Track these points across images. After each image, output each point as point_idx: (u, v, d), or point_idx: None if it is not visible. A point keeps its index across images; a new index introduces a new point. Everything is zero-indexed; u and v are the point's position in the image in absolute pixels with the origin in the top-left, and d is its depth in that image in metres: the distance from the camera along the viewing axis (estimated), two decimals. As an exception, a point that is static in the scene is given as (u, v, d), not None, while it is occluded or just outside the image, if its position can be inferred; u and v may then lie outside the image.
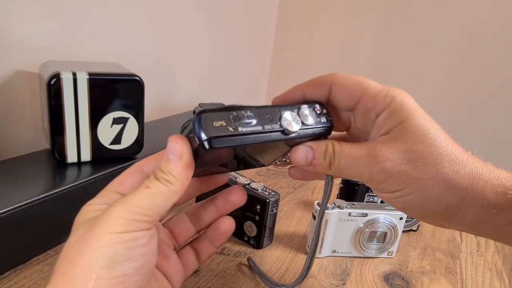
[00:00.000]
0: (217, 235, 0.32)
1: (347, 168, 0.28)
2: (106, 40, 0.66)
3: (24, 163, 0.47)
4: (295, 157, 0.29)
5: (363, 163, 0.27)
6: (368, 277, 0.45)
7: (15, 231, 0.39)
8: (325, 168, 0.28)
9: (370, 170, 0.27)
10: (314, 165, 0.29)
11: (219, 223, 0.32)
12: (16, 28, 0.52)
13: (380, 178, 0.27)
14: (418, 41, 0.99)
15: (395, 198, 0.27)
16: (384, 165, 0.26)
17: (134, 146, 0.51)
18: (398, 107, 0.27)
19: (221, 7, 0.93)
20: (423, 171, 0.25)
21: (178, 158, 0.25)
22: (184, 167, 0.25)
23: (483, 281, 0.47)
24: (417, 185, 0.26)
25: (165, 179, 0.25)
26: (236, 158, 0.28)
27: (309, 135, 0.28)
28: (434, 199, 0.26)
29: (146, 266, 0.24)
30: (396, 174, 0.26)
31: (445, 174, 0.25)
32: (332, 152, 0.28)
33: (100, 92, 0.46)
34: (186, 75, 0.89)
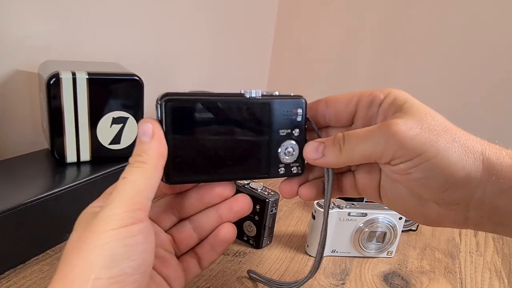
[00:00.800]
0: (217, 241, 0.32)
1: (359, 145, 0.27)
2: (105, 40, 0.66)
3: (24, 163, 0.47)
4: (306, 153, 0.29)
5: (376, 134, 0.26)
6: (367, 277, 0.45)
7: (14, 231, 0.39)
8: (336, 153, 0.28)
9: (385, 139, 0.25)
10: (325, 154, 0.28)
11: (219, 230, 0.32)
12: (15, 27, 0.52)
13: (396, 145, 0.25)
14: (417, 41, 0.99)
15: (414, 167, 0.25)
16: (398, 129, 0.25)
17: (133, 146, 0.51)
18: (397, 95, 0.28)
19: (221, 7, 0.93)
20: (439, 136, 0.25)
21: (150, 136, 0.26)
22: (155, 142, 0.26)
23: (482, 280, 0.47)
24: (436, 148, 0.25)
25: (138, 161, 0.25)
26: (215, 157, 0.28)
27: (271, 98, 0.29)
28: (455, 164, 0.25)
29: (144, 265, 0.24)
30: (414, 137, 0.25)
31: (460, 139, 0.25)
32: (341, 137, 0.28)
33: (100, 92, 0.46)
34: (185, 75, 0.89)
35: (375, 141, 0.26)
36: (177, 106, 0.26)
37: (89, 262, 0.22)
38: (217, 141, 0.28)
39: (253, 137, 0.29)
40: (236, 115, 0.28)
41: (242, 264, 0.45)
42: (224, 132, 0.28)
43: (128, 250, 0.23)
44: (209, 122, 0.28)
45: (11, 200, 0.38)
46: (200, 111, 0.27)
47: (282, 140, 0.30)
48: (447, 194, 0.26)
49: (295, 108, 0.29)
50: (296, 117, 0.30)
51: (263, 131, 0.29)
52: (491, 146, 0.26)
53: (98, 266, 0.22)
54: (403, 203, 0.30)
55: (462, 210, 0.27)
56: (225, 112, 0.28)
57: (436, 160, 0.25)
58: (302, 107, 0.30)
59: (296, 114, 0.29)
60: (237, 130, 0.28)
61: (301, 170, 0.31)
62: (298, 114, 0.29)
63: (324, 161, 0.29)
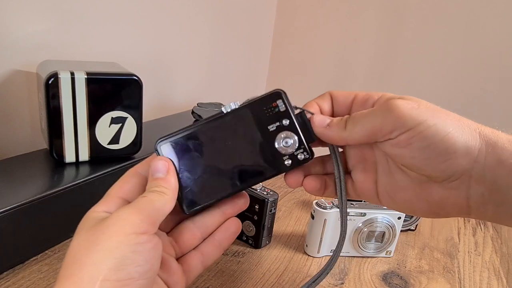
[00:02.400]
0: (227, 235, 0.33)
1: (361, 120, 0.28)
2: (104, 39, 0.66)
3: (22, 163, 0.47)
4: (313, 121, 0.30)
5: (376, 110, 0.28)
6: (366, 277, 0.45)
7: (13, 231, 0.39)
8: (341, 128, 0.29)
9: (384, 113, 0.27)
10: (331, 126, 0.30)
11: (230, 223, 0.33)
12: (14, 27, 0.52)
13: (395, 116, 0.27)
14: (417, 41, 0.99)
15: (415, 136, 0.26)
16: (397, 103, 0.27)
17: (132, 146, 0.51)
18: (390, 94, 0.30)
19: (220, 7, 0.93)
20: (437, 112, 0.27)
21: (165, 172, 0.28)
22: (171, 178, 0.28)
23: (481, 280, 0.47)
24: (437, 117, 0.26)
25: (157, 190, 0.27)
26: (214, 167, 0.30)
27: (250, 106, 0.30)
28: (453, 132, 0.26)
29: (150, 271, 0.25)
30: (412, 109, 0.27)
31: (456, 116, 0.27)
32: (347, 116, 0.30)
33: (98, 92, 0.46)
34: (184, 75, 0.89)
35: (376, 115, 0.28)
36: (170, 144, 0.30)
37: (99, 263, 0.22)
38: (216, 160, 0.30)
39: (247, 144, 0.30)
40: (223, 131, 0.30)
41: (241, 264, 0.45)
42: (219, 151, 0.30)
43: (136, 256, 0.24)
44: (203, 148, 0.30)
45: (9, 200, 0.38)
46: (191, 142, 0.30)
47: (274, 134, 0.30)
48: (449, 164, 0.26)
49: (273, 102, 0.30)
50: (279, 109, 0.30)
51: (253, 135, 0.30)
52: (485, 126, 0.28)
53: (107, 267, 0.22)
54: (403, 194, 0.30)
55: (464, 188, 0.27)
56: (212, 134, 0.30)
57: (435, 128, 0.26)
58: (280, 98, 0.30)
59: (277, 106, 0.30)
60: (230, 144, 0.30)
61: (309, 154, 0.31)
62: (279, 105, 0.30)
63: (329, 131, 0.30)
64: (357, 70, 1.08)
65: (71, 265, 0.23)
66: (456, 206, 0.28)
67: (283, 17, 1.17)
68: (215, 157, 0.30)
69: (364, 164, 0.32)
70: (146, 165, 0.30)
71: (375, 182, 0.31)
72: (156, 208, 0.26)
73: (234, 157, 0.30)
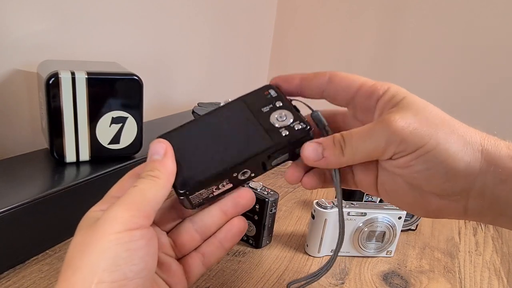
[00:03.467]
0: (229, 236, 0.32)
1: (361, 145, 0.27)
2: (104, 39, 0.66)
3: (23, 163, 0.47)
4: (305, 155, 0.29)
5: (377, 131, 0.26)
6: (367, 277, 0.45)
7: (13, 230, 0.39)
8: (338, 155, 0.28)
9: (386, 136, 0.26)
10: (326, 156, 0.28)
11: (233, 224, 0.32)
12: (14, 27, 0.52)
13: (397, 141, 0.26)
14: (417, 40, 0.99)
15: (416, 159, 0.26)
16: (398, 125, 0.25)
17: (132, 145, 0.51)
18: (396, 90, 0.28)
19: (221, 6, 0.93)
20: (438, 129, 0.26)
21: (162, 155, 0.27)
22: (168, 161, 0.27)
23: (482, 280, 0.47)
24: (436, 140, 0.25)
25: (151, 175, 0.26)
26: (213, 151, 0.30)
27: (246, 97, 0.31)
28: (454, 154, 0.25)
29: (146, 270, 0.24)
30: (413, 131, 0.25)
31: (458, 130, 0.26)
32: (340, 138, 0.28)
33: (99, 92, 0.46)
34: (185, 75, 0.89)
35: (377, 139, 0.26)
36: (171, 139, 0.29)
37: (92, 265, 0.22)
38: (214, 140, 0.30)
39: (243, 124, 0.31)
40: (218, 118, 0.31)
41: (242, 264, 0.45)
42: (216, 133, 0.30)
43: (130, 254, 0.23)
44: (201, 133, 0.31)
45: (10, 200, 0.38)
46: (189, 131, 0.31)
47: (269, 113, 0.30)
48: (449, 185, 0.26)
49: (265, 91, 0.31)
50: (271, 95, 0.31)
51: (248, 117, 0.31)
52: (488, 137, 0.27)
53: (101, 269, 0.22)
54: (402, 197, 0.30)
55: (462, 201, 0.27)
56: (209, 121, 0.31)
57: (436, 151, 0.25)
58: (271, 88, 0.32)
59: (269, 94, 0.31)
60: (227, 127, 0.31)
61: (306, 124, 0.30)
62: (271, 93, 0.31)
63: (325, 163, 0.29)
64: (357, 70, 1.08)
65: (66, 269, 0.23)
66: (454, 213, 0.28)
67: (283, 17, 1.17)
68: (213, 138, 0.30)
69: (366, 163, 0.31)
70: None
71: (376, 179, 0.31)
72: (148, 199, 0.25)
73: (231, 136, 0.30)
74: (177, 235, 0.32)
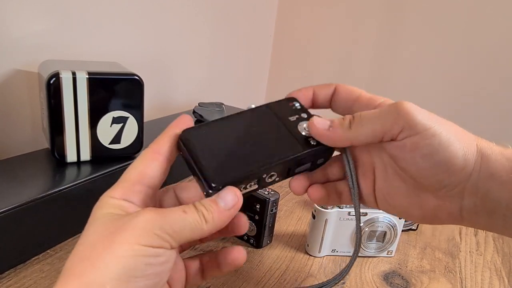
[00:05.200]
0: (227, 263, 0.30)
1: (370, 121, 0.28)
2: (105, 39, 0.66)
3: (24, 163, 0.47)
4: (314, 123, 0.30)
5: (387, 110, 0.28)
6: (367, 276, 0.45)
7: (14, 230, 0.39)
8: (345, 128, 0.28)
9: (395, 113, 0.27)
10: (334, 127, 0.29)
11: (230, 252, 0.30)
12: (15, 27, 0.52)
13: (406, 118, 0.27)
14: (417, 42, 0.99)
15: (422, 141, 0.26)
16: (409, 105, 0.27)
17: (133, 145, 0.51)
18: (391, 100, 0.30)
19: (221, 6, 0.93)
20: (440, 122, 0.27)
21: (228, 208, 0.26)
22: (226, 216, 0.26)
23: (483, 280, 0.47)
24: (442, 126, 0.27)
25: (203, 215, 0.25)
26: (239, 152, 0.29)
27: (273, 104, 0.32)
28: (455, 143, 0.26)
29: (158, 285, 0.24)
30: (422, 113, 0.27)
31: (457, 128, 0.28)
32: (350, 116, 0.29)
33: (100, 92, 0.46)
34: (185, 75, 0.89)
35: (386, 116, 0.28)
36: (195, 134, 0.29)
37: (109, 270, 0.21)
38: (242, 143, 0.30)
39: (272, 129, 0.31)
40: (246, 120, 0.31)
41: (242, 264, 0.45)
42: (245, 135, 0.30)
43: (148, 268, 0.22)
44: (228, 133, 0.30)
45: (11, 200, 0.38)
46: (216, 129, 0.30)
47: (296, 122, 0.31)
48: (446, 176, 0.27)
49: (290, 103, 0.33)
50: (296, 107, 0.33)
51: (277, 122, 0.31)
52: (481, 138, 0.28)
53: (116, 278, 0.21)
54: (400, 200, 0.30)
55: (457, 198, 0.28)
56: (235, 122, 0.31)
57: (441, 137, 0.26)
58: (295, 100, 0.33)
59: (294, 106, 0.33)
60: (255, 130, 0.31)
61: None
62: (295, 105, 0.33)
63: (332, 134, 0.29)
64: (358, 70, 1.08)
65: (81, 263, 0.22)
66: (449, 215, 0.29)
67: (284, 17, 1.17)
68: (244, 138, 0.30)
69: (362, 168, 0.32)
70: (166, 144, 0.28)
71: (373, 186, 0.32)
72: (184, 232, 0.24)
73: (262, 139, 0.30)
74: None
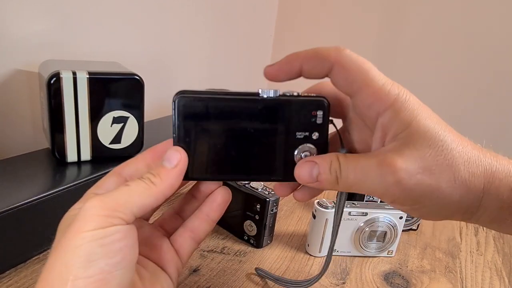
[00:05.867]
0: (215, 206, 0.30)
1: (356, 183, 0.26)
2: (106, 39, 0.66)
3: (24, 162, 0.47)
4: (299, 175, 0.27)
5: (375, 176, 0.25)
6: (368, 276, 0.45)
7: (15, 230, 0.39)
8: (333, 184, 0.26)
9: (384, 184, 0.24)
10: (320, 181, 0.27)
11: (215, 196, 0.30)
12: (15, 27, 0.52)
13: (396, 193, 0.24)
14: (418, 41, 0.99)
15: (414, 210, 0.26)
16: (399, 177, 0.24)
17: (134, 145, 0.51)
18: (402, 107, 0.25)
19: (222, 6, 0.93)
20: (440, 178, 0.24)
21: (173, 165, 0.26)
22: (174, 174, 0.26)
23: (483, 280, 0.47)
24: (436, 195, 0.24)
25: (150, 179, 0.25)
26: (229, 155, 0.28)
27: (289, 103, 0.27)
28: (454, 205, 0.25)
29: (124, 261, 0.23)
30: (413, 187, 0.24)
31: (463, 178, 0.24)
32: (337, 166, 0.26)
33: (100, 91, 0.46)
34: (186, 75, 0.89)
35: (373, 184, 0.25)
36: (190, 103, 0.27)
37: (66, 264, 0.22)
38: (229, 140, 0.28)
39: (267, 138, 0.28)
40: (249, 114, 0.27)
41: (243, 264, 0.45)
42: (237, 132, 0.28)
43: (105, 249, 0.22)
44: (221, 121, 0.27)
45: (11, 200, 0.38)
46: (213, 109, 0.27)
47: (298, 143, 0.28)
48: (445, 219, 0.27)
49: (314, 110, 0.28)
50: (316, 119, 0.28)
51: (278, 133, 0.28)
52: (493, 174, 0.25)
53: (76, 267, 0.21)
54: None
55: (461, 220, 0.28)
56: (238, 111, 0.27)
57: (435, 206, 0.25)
58: (323, 109, 0.27)
59: (316, 116, 0.28)
60: (251, 131, 0.28)
61: None
62: (318, 116, 0.28)
63: (319, 187, 0.28)
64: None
65: (44, 270, 0.23)
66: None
67: (284, 16, 1.17)
68: (232, 138, 0.28)
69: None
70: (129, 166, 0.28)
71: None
72: (133, 202, 0.24)
73: (250, 146, 0.28)
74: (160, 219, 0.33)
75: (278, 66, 0.28)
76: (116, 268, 0.23)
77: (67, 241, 0.22)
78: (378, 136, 0.26)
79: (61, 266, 0.22)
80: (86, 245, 0.22)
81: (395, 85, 0.26)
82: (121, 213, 0.23)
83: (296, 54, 0.27)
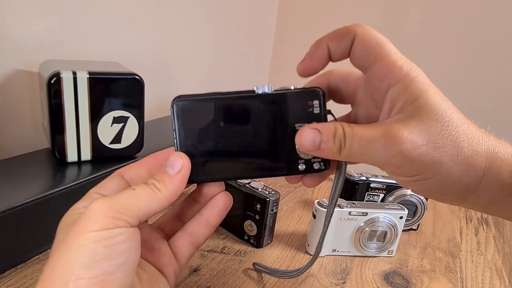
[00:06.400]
0: (216, 212, 0.30)
1: (360, 152, 0.26)
2: (106, 39, 0.66)
3: (24, 162, 0.47)
4: (301, 142, 0.27)
5: (379, 146, 0.25)
6: (368, 276, 0.45)
7: (15, 230, 0.39)
8: (335, 153, 0.26)
9: (387, 154, 0.25)
10: (323, 150, 0.27)
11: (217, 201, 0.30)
12: (15, 27, 0.52)
13: (398, 163, 0.25)
14: (418, 41, 0.99)
15: (413, 182, 0.26)
16: (403, 147, 0.24)
17: (134, 145, 0.51)
18: (412, 82, 0.25)
19: (222, 6, 0.93)
20: (444, 152, 0.24)
21: (176, 171, 0.26)
22: (178, 180, 0.26)
23: (483, 280, 0.47)
24: (437, 168, 0.24)
25: (155, 185, 0.25)
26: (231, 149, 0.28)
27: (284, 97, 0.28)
28: (454, 181, 0.25)
29: (127, 263, 0.23)
30: (416, 158, 0.24)
31: (465, 155, 0.25)
32: (342, 135, 0.26)
33: (100, 91, 0.46)
34: (186, 75, 0.89)
35: (377, 154, 0.25)
36: (188, 106, 0.27)
37: (69, 263, 0.22)
38: (230, 139, 0.28)
39: (266, 133, 0.28)
40: (247, 112, 0.28)
41: (243, 264, 0.45)
42: (236, 130, 0.28)
43: (108, 250, 0.22)
44: (220, 121, 0.28)
45: (11, 200, 0.38)
46: (211, 110, 0.27)
47: None
48: (442, 199, 0.28)
49: (310, 100, 0.28)
50: (313, 110, 0.28)
51: (277, 127, 0.28)
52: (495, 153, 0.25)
53: (79, 267, 0.21)
54: None
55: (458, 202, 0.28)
56: (235, 110, 0.28)
57: (435, 179, 0.25)
58: (318, 99, 0.28)
59: (312, 106, 0.28)
60: (250, 128, 0.28)
61: (324, 166, 0.29)
62: (315, 106, 0.28)
63: (321, 155, 0.28)
64: (359, 70, 1.08)
65: (46, 269, 0.22)
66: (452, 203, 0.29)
67: (285, 16, 1.17)
68: (232, 137, 0.28)
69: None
70: (132, 170, 0.29)
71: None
72: (139, 207, 0.24)
73: (250, 143, 0.28)
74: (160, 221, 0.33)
75: (309, 55, 0.28)
76: (119, 269, 0.23)
77: (71, 240, 0.22)
78: (386, 108, 0.26)
79: (64, 265, 0.22)
80: (90, 245, 0.22)
81: (408, 62, 0.26)
82: (127, 216, 0.24)
83: (320, 39, 0.28)
